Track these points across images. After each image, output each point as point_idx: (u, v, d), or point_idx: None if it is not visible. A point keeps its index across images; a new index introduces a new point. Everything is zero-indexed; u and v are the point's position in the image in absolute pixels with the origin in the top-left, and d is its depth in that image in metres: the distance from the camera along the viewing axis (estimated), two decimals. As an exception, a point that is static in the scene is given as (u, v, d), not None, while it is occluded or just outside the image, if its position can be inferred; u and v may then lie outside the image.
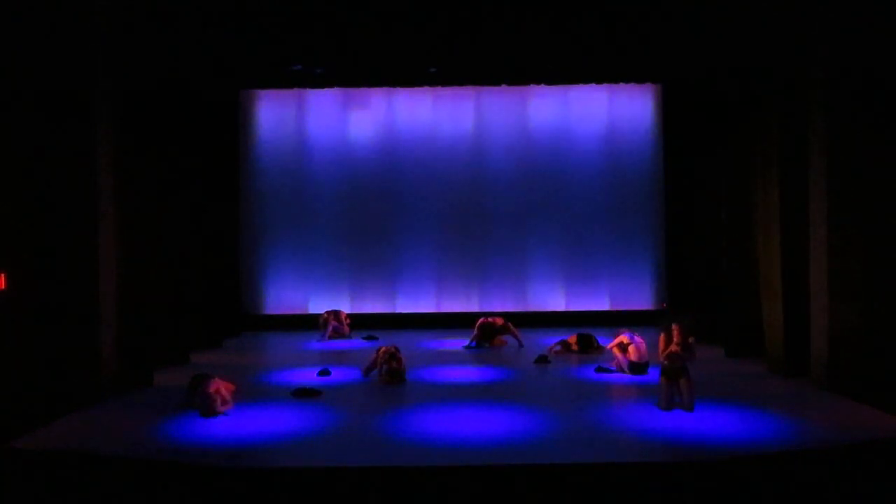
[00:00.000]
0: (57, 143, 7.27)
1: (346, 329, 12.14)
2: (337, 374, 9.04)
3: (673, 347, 7.12)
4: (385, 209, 13.33)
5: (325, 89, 13.09)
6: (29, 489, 5.51)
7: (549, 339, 10.83)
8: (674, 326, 7.19)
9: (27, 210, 6.88)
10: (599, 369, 9.06)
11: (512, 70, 12.51)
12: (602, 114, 13.35)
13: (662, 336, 7.27)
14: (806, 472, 5.61)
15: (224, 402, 7.12)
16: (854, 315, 7.60)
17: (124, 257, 8.33)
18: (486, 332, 11.12)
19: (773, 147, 8.85)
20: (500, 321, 11.21)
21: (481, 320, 11.25)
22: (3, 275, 6.50)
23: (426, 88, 13.18)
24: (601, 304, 13.30)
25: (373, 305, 13.32)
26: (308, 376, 8.90)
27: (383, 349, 8.79)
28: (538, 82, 13.06)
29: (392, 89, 13.22)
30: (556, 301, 13.34)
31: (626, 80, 13.01)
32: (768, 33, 8.88)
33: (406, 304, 13.35)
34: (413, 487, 5.39)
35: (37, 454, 5.98)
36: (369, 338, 11.85)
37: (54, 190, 7.23)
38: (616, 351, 9.04)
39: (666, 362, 7.14)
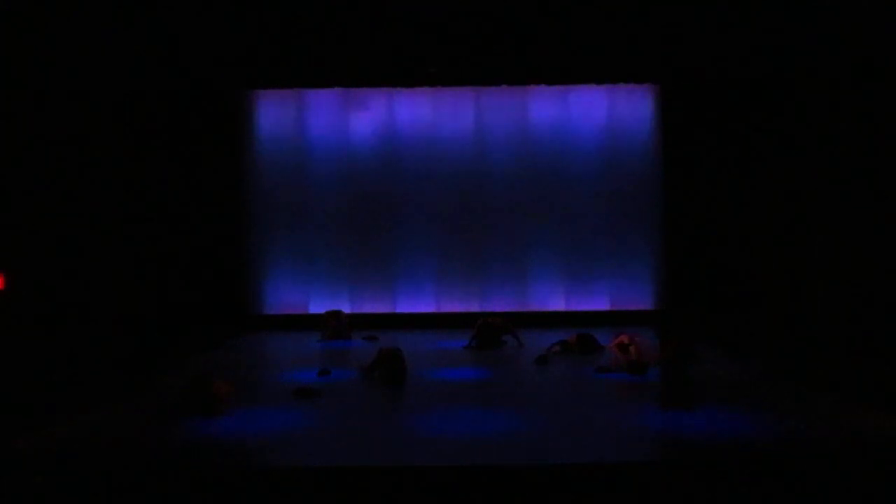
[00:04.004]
0: (57, 144, 7.28)
1: (347, 329, 12.14)
2: (337, 374, 9.04)
3: (664, 355, 7.13)
4: (385, 209, 13.34)
5: (325, 89, 13.12)
6: (29, 489, 5.51)
7: (549, 339, 10.83)
8: (672, 339, 7.19)
9: (27, 210, 6.88)
10: (599, 369, 9.06)
11: (512, 70, 12.52)
12: (602, 114, 13.35)
13: (658, 343, 7.26)
14: (805, 471, 5.61)
15: (224, 402, 7.13)
16: (853, 315, 7.60)
17: (124, 258, 8.34)
18: (486, 333, 11.11)
19: (773, 146, 8.85)
20: (499, 321, 11.21)
21: (481, 321, 11.22)
22: (2, 275, 6.50)
23: (426, 88, 13.19)
24: (601, 304, 13.30)
25: (373, 305, 13.32)
26: (308, 376, 8.90)
27: (385, 350, 8.78)
28: (538, 82, 13.07)
29: (392, 89, 13.23)
30: (556, 301, 13.34)
31: (626, 80, 13.02)
32: (768, 33, 8.88)
33: (406, 305, 13.36)
34: (413, 487, 5.39)
35: (37, 454, 5.99)
36: (370, 338, 11.85)
37: (54, 190, 7.25)
38: (616, 351, 9.04)
39: (659, 366, 7.18)
